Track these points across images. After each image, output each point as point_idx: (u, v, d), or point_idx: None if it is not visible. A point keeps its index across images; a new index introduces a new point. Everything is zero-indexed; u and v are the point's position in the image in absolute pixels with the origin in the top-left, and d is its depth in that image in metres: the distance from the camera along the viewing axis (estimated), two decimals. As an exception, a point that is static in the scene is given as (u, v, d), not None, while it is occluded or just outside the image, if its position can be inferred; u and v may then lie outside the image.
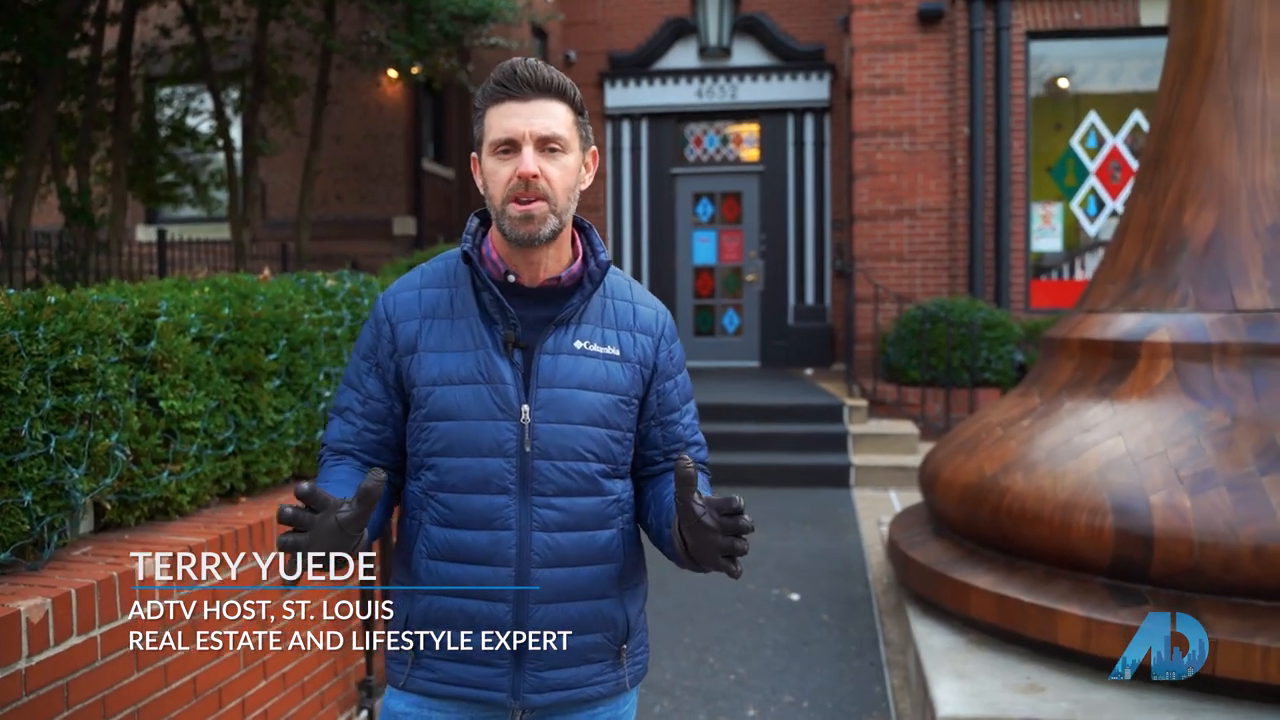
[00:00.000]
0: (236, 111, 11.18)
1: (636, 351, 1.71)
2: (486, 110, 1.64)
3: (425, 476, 1.66)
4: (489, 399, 1.62)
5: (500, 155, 1.62)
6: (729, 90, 12.61)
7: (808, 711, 3.90)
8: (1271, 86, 4.09)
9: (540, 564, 1.62)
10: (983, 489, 4.08)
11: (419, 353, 1.66)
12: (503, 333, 1.64)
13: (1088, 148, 9.47)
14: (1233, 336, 3.83)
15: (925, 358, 8.71)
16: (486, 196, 1.66)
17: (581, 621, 1.65)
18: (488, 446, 1.61)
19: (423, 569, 1.66)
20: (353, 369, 1.74)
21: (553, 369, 1.64)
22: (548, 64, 1.66)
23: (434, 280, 1.71)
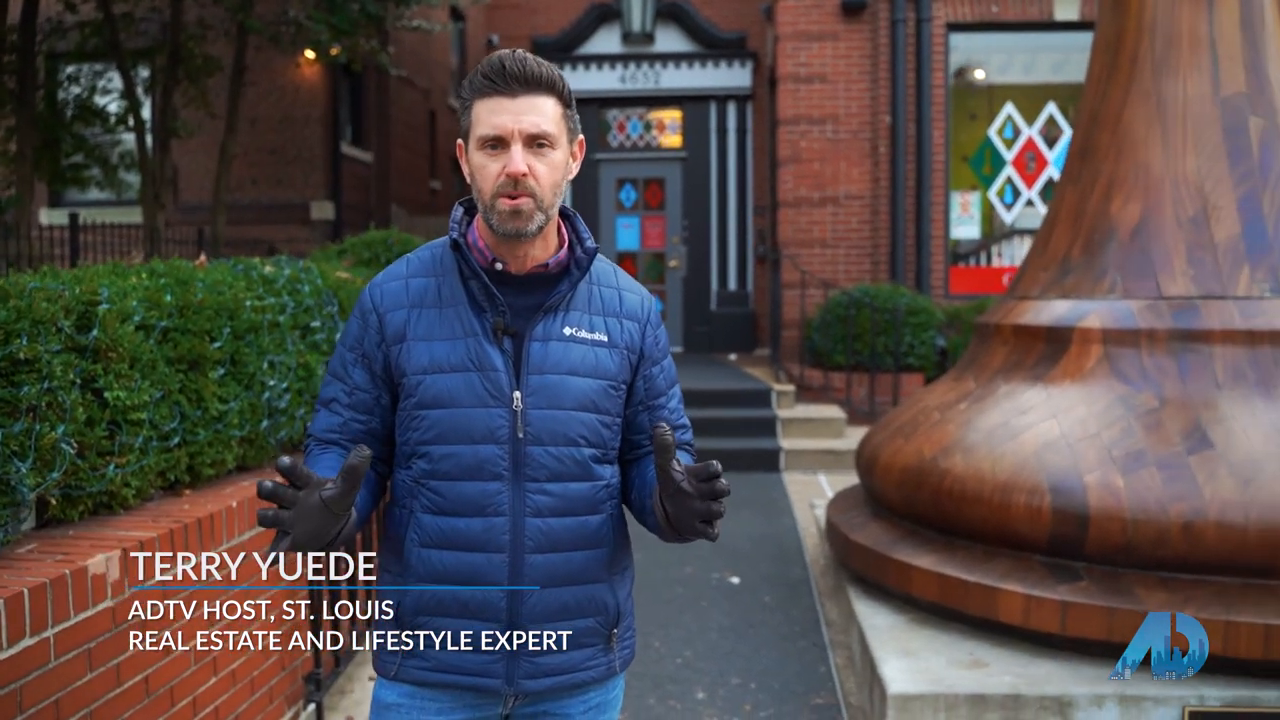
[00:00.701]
0: (147, 91, 10.81)
1: (624, 337, 1.72)
2: (474, 102, 1.63)
3: (416, 465, 1.66)
4: (480, 386, 1.62)
5: (488, 151, 1.61)
6: (652, 76, 12.63)
7: (755, 693, 3.96)
8: (1191, 84, 4.26)
9: (534, 549, 1.63)
10: (923, 471, 4.18)
11: (408, 341, 1.65)
12: (492, 320, 1.64)
13: (1004, 138, 9.73)
14: (1159, 323, 3.99)
15: (850, 343, 8.87)
16: (474, 189, 1.66)
17: (574, 606, 1.67)
18: (480, 433, 1.62)
19: (415, 558, 1.65)
20: (338, 360, 1.73)
21: (543, 355, 1.64)
22: (537, 57, 1.65)
23: (421, 270, 1.71)
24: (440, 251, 1.72)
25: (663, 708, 3.82)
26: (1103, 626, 3.48)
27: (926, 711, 3.36)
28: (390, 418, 1.71)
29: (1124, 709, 3.32)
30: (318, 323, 4.06)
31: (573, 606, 1.66)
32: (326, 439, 1.72)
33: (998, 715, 3.34)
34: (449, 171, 17.73)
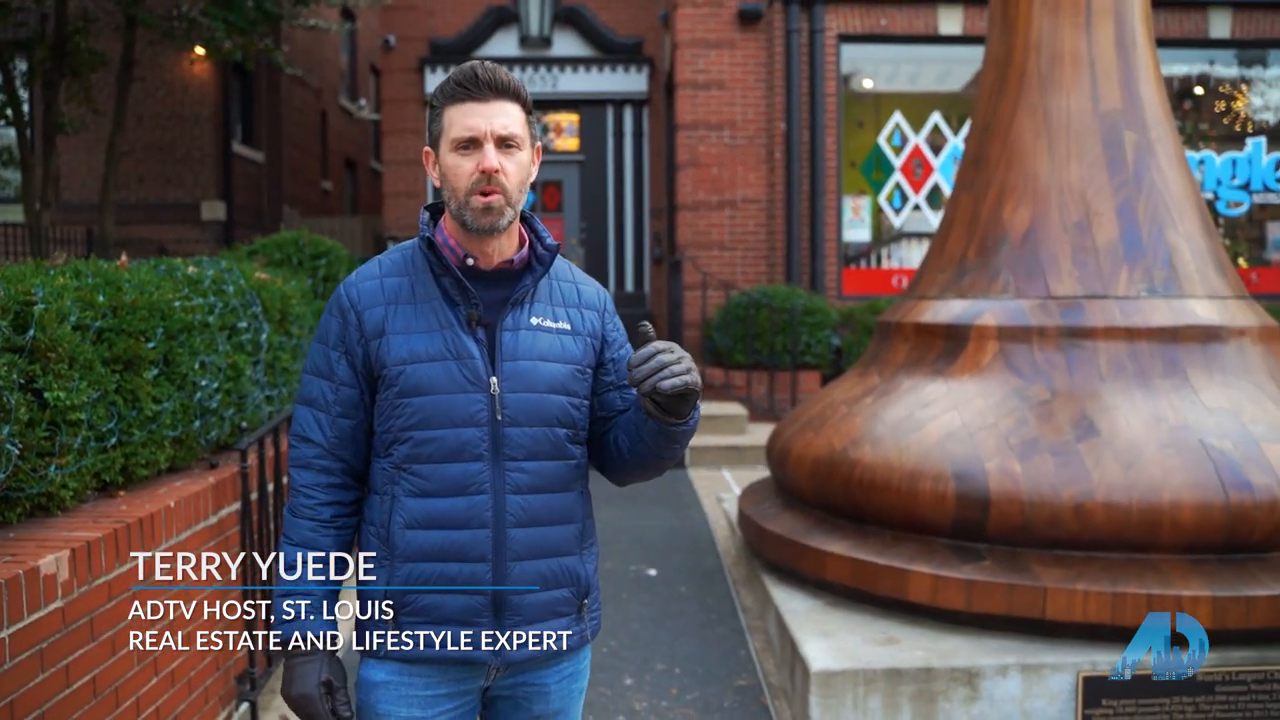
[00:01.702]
0: (24, 85, 10.40)
1: (585, 325, 1.86)
2: (446, 108, 1.76)
3: (398, 451, 1.76)
4: (458, 373, 1.74)
5: (462, 152, 1.74)
6: (550, 80, 12.73)
7: (680, 677, 4.12)
8: (1074, 99, 4.59)
9: (515, 524, 1.75)
10: (833, 462, 4.40)
11: (387, 335, 1.76)
12: (466, 312, 1.76)
13: (893, 145, 10.16)
14: (1049, 320, 4.30)
15: (750, 342, 9.14)
16: (446, 189, 1.77)
17: (551, 577, 1.79)
18: (461, 417, 1.73)
19: (401, 539, 1.75)
20: (320, 359, 1.81)
21: (514, 343, 1.77)
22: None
23: (393, 270, 1.82)
24: (410, 253, 1.83)
25: (593, 694, 3.95)
26: (1004, 602, 3.75)
27: (847, 686, 3.57)
28: (365, 417, 1.80)
29: (1025, 677, 3.59)
30: (244, 323, 4.06)
31: (549, 577, 1.78)
32: (307, 461, 1.79)
33: (912, 687, 3.58)
34: (341, 172, 17.47)
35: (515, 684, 1.84)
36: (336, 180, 17.35)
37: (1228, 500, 3.71)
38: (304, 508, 1.79)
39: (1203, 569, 3.72)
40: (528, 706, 1.87)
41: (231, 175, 11.93)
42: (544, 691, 1.86)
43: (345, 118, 17.26)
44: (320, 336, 1.82)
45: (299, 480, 1.80)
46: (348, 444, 1.80)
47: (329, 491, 1.79)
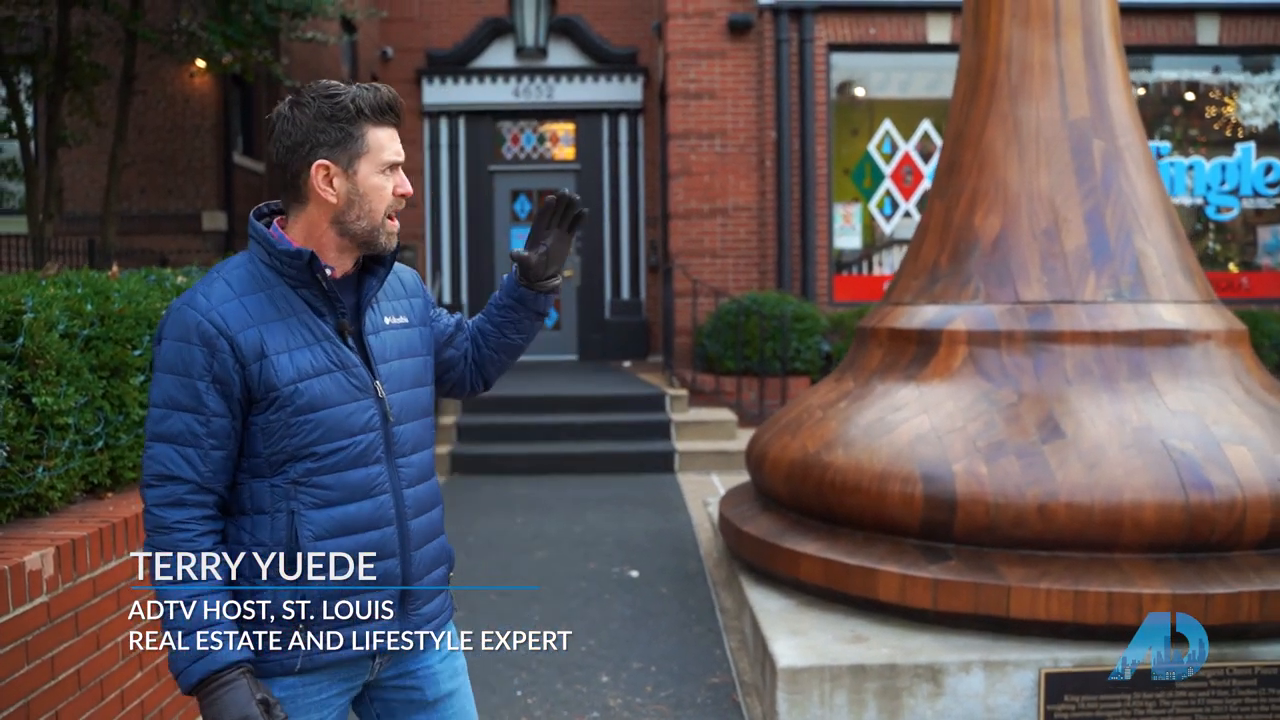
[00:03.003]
0: (28, 98, 10.55)
1: (416, 314, 1.97)
2: (369, 130, 1.75)
3: (294, 468, 1.74)
4: (346, 383, 1.78)
5: (387, 174, 1.78)
6: (545, 90, 12.86)
7: (656, 675, 4.22)
8: (1043, 108, 4.70)
9: (412, 515, 1.85)
10: (807, 465, 4.50)
11: (268, 357, 1.72)
12: (335, 322, 1.80)
13: (883, 153, 10.27)
14: (1017, 325, 4.40)
15: (740, 348, 9.24)
16: (358, 207, 1.76)
17: (437, 558, 1.92)
18: (360, 425, 1.78)
19: (312, 552, 1.74)
20: (182, 391, 1.71)
21: (381, 345, 1.86)
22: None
23: (246, 288, 1.76)
24: (254, 268, 1.78)
25: (570, 691, 4.05)
26: (970, 600, 3.84)
27: (813, 682, 3.66)
28: (236, 445, 1.75)
29: (988, 673, 3.68)
30: (231, 331, 4.17)
31: (438, 557, 1.92)
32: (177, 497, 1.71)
33: (877, 684, 3.67)
34: (341, 181, 17.57)
35: (402, 673, 1.90)
36: (338, 190, 17.48)
37: (1188, 500, 3.80)
38: (182, 543, 1.70)
39: (1164, 568, 3.81)
40: (420, 697, 1.91)
41: (233, 186, 12.08)
42: (432, 675, 1.91)
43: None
44: (175, 368, 1.71)
45: (170, 518, 1.71)
46: (220, 475, 1.74)
47: (205, 523, 1.73)
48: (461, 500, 7.41)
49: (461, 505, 7.23)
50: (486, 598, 5.11)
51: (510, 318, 2.07)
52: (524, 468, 8.19)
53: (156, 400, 1.74)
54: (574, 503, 7.12)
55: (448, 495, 7.61)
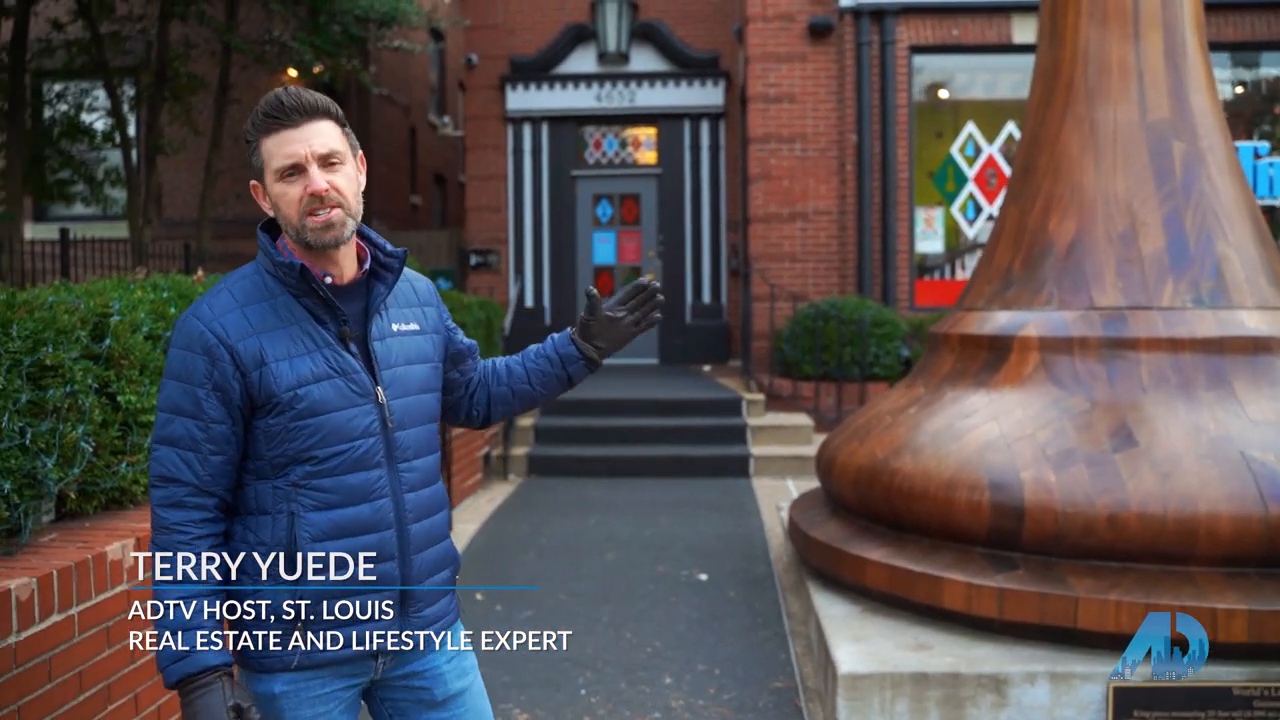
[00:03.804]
0: (132, 109, 11.04)
1: (429, 321, 1.99)
2: (261, 140, 1.79)
3: (295, 470, 1.79)
4: (346, 389, 1.81)
5: (287, 179, 1.77)
6: (627, 95, 12.95)
7: (720, 678, 4.24)
8: (1120, 110, 4.60)
9: (413, 519, 1.88)
10: (875, 471, 4.48)
11: (268, 365, 1.77)
12: (337, 329, 1.83)
13: (966, 155, 10.11)
14: (1091, 331, 4.31)
15: (818, 353, 9.19)
16: (280, 218, 1.81)
17: (439, 561, 1.94)
18: (359, 430, 1.82)
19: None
20: (184, 397, 1.76)
21: (386, 352, 1.88)
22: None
23: (250, 297, 1.81)
24: (260, 278, 1.83)
25: (633, 691, 4.10)
26: (1036, 611, 3.78)
27: (874, 689, 3.65)
28: (237, 450, 1.80)
29: (1054, 685, 3.62)
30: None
31: (440, 561, 1.94)
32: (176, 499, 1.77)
33: (939, 692, 3.64)
34: (429, 187, 17.98)
35: (408, 673, 1.93)
36: (425, 194, 17.87)
37: (1267, 512, 3.68)
38: (179, 544, 1.76)
39: (1239, 582, 3.69)
40: (429, 696, 1.94)
41: (322, 191, 12.44)
42: (439, 675, 1.94)
43: (434, 134, 17.79)
44: (179, 375, 1.78)
45: (169, 519, 1.77)
46: (219, 479, 1.79)
47: (203, 525, 1.78)
48: (537, 501, 7.52)
49: (537, 506, 7.34)
50: (555, 598, 5.18)
51: (543, 368, 2.12)
52: (600, 470, 8.27)
53: (162, 405, 1.80)
54: (647, 505, 7.17)
55: (524, 496, 7.73)
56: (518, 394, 2.14)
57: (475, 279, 13.02)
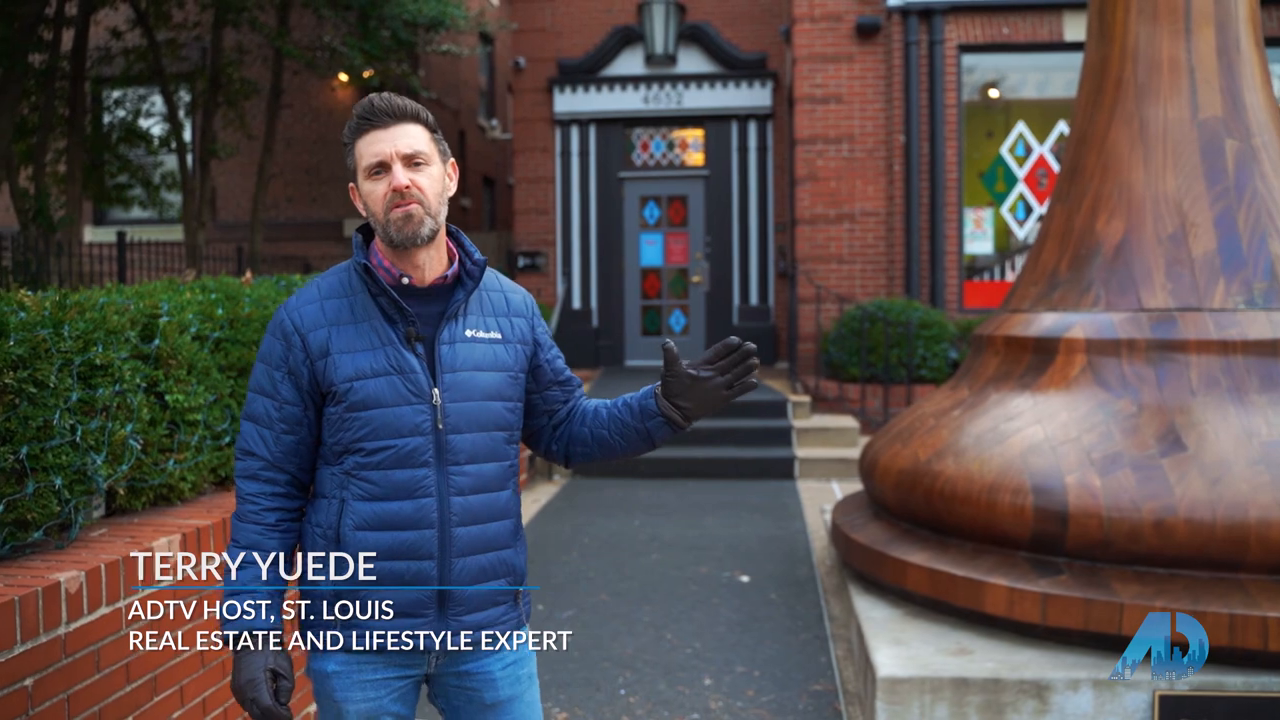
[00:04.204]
0: (188, 114, 11.27)
1: (515, 333, 2.01)
2: (355, 143, 1.89)
3: (349, 459, 1.88)
4: (401, 387, 1.87)
5: (374, 177, 1.87)
6: (675, 97, 12.95)
7: (759, 680, 4.23)
8: (1171, 108, 4.51)
9: (458, 523, 1.89)
10: (917, 473, 4.44)
11: (332, 355, 1.87)
12: (404, 329, 1.90)
13: (1016, 155, 9.98)
14: (1139, 334, 4.24)
15: (865, 355, 9.13)
16: (370, 215, 1.90)
17: (490, 569, 1.94)
18: (408, 427, 1.87)
19: (352, 540, 1.87)
20: (264, 378, 1.92)
21: (452, 356, 1.91)
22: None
23: (332, 292, 1.93)
24: (347, 276, 1.94)
25: (672, 692, 4.10)
26: (1080, 617, 3.72)
27: (913, 694, 3.62)
28: (310, 432, 1.92)
29: (1098, 693, 3.56)
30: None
31: (489, 569, 1.93)
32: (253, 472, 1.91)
33: (980, 698, 3.60)
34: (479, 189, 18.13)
35: (460, 672, 1.96)
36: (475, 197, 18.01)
37: (1321, 519, 3.60)
38: (250, 514, 1.90)
39: (1292, 589, 3.61)
40: (479, 697, 1.97)
41: (373, 194, 12.61)
42: (491, 680, 1.97)
43: (483, 137, 17.93)
44: (264, 357, 1.93)
45: (245, 489, 1.92)
46: (291, 457, 1.91)
47: (273, 499, 1.91)
48: (584, 502, 7.55)
49: (583, 507, 7.37)
50: (598, 598, 5.20)
51: (623, 418, 2.04)
52: (646, 471, 8.28)
53: (250, 384, 1.95)
54: (691, 507, 7.17)
55: (569, 496, 7.77)
56: (596, 439, 2.07)
57: (523, 281, 13.10)
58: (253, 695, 1.83)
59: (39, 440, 2.60)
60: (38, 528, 2.61)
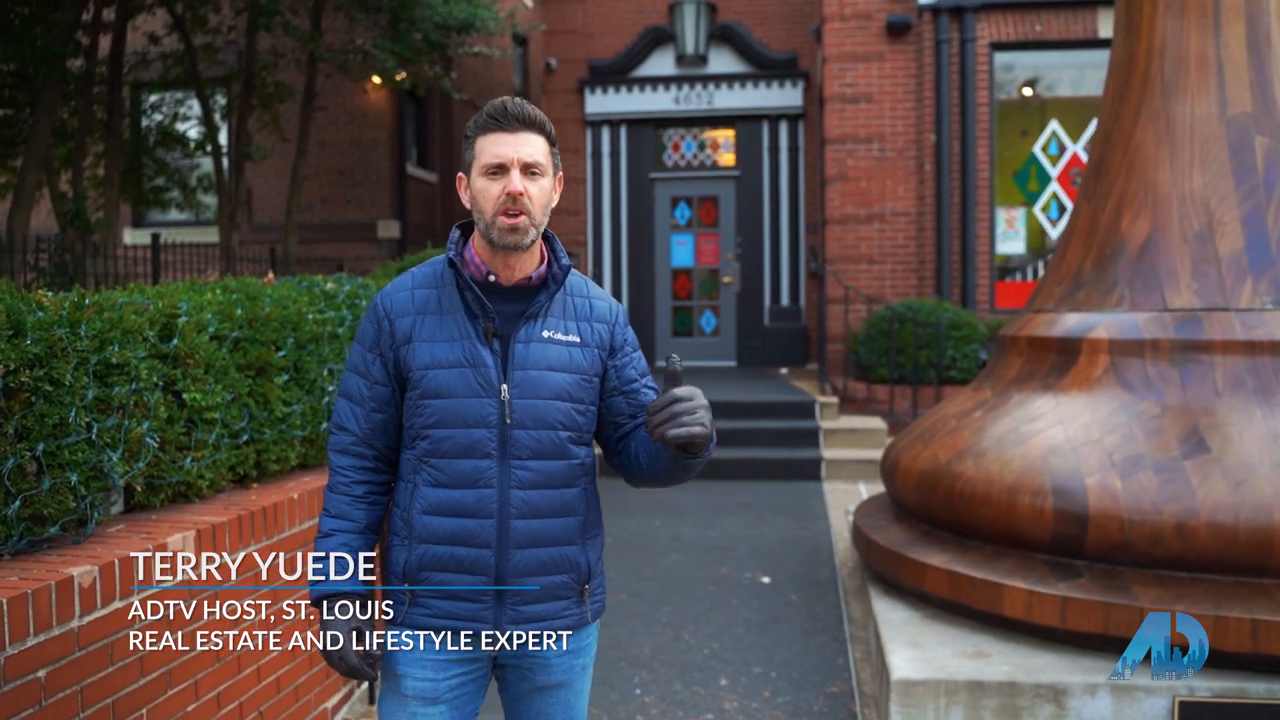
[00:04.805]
0: (224, 117, 11.41)
1: (594, 337, 2.04)
2: (477, 138, 1.96)
3: (420, 445, 1.97)
4: (473, 380, 1.94)
5: (491, 176, 1.93)
6: (705, 97, 12.94)
7: (776, 681, 4.21)
8: (1199, 105, 4.44)
9: (517, 515, 1.94)
10: (937, 475, 4.41)
11: (414, 343, 1.97)
12: (483, 325, 1.97)
13: (1049, 154, 9.86)
14: (1163, 334, 4.18)
15: (894, 356, 9.06)
16: (475, 210, 1.97)
17: (551, 564, 1.98)
18: (474, 419, 1.94)
19: (419, 523, 1.96)
20: (359, 358, 2.04)
21: (525, 354, 1.97)
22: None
23: (424, 282, 2.03)
24: (440, 268, 2.04)
25: (687, 692, 4.10)
26: (1099, 621, 3.68)
27: (927, 697, 3.59)
28: (398, 412, 2.01)
29: (1116, 698, 3.51)
30: (373, 334, 4.43)
31: (549, 564, 1.98)
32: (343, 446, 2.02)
33: (995, 702, 3.56)
34: (511, 190, 18.14)
35: (520, 655, 2.03)
36: (508, 198, 18.05)
37: (1348, 523, 3.53)
38: (340, 485, 2.02)
39: (1317, 595, 3.54)
40: (531, 677, 2.05)
41: (406, 196, 12.69)
42: (546, 664, 2.04)
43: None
44: (359, 339, 2.04)
45: (337, 462, 2.03)
46: (379, 434, 2.01)
47: (362, 472, 2.01)
48: (606, 503, 7.53)
49: (605, 507, 7.36)
50: (617, 598, 5.21)
51: (655, 452, 2.01)
52: (670, 471, 8.26)
53: (347, 363, 2.07)
54: (715, 508, 7.16)
55: (594, 496, 7.77)
56: (634, 458, 2.07)
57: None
58: (339, 653, 1.92)
59: (55, 438, 2.65)
60: (54, 523, 2.66)
